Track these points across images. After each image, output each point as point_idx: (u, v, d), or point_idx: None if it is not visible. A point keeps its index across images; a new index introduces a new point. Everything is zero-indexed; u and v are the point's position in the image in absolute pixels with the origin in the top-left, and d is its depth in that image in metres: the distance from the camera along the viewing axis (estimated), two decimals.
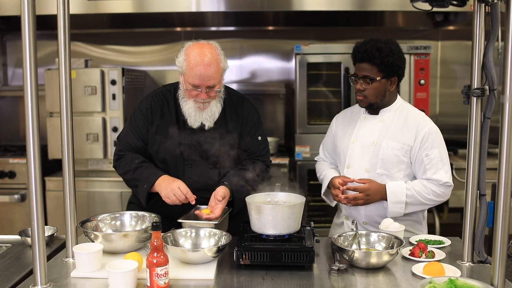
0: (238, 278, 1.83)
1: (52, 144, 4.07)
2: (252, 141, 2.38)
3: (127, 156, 2.33)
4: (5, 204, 4.09)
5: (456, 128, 4.75)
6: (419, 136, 2.33)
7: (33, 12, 1.58)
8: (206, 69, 2.13)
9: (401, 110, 2.43)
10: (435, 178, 2.31)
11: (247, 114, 2.39)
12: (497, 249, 1.65)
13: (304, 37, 4.72)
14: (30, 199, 1.65)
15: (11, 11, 4.01)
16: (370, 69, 2.31)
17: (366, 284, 1.78)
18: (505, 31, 1.62)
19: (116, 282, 1.67)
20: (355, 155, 2.43)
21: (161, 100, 2.36)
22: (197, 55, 2.15)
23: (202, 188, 2.26)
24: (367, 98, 2.36)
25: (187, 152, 2.31)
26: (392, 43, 2.34)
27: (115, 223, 2.20)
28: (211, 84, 2.17)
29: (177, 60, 2.22)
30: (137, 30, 4.87)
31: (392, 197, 2.31)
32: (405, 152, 2.34)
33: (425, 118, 2.39)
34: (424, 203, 2.34)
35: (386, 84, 2.35)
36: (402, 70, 2.38)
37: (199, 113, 2.25)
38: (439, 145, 2.33)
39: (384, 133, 2.39)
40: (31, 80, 1.59)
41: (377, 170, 2.37)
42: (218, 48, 2.22)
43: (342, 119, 2.58)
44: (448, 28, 4.73)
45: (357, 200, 2.33)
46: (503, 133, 1.62)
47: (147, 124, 2.34)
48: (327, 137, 2.65)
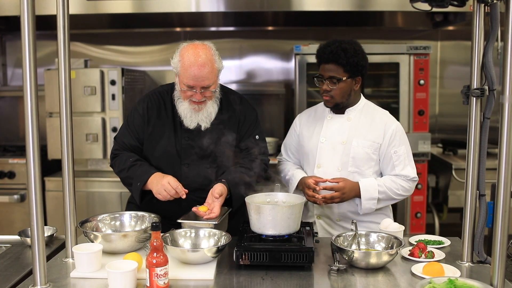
0: (237, 278, 1.83)
1: (52, 144, 4.07)
2: (250, 141, 2.38)
3: (122, 155, 2.34)
4: (5, 204, 4.09)
5: (455, 128, 4.77)
6: (387, 134, 2.41)
7: (32, 12, 1.58)
8: (200, 69, 2.13)
9: (366, 109, 2.50)
10: (404, 174, 2.40)
11: (245, 113, 2.39)
12: (497, 249, 1.65)
13: (304, 37, 4.72)
14: (29, 199, 1.65)
15: (11, 11, 4.02)
16: (336, 70, 2.36)
17: (366, 284, 1.78)
18: (505, 31, 1.62)
19: (115, 282, 1.67)
20: (325, 154, 2.46)
21: (158, 101, 2.37)
22: (191, 55, 2.15)
23: (199, 188, 2.27)
24: (333, 98, 2.41)
25: (184, 152, 2.31)
26: (356, 44, 2.40)
27: (115, 223, 2.20)
28: (206, 85, 2.17)
29: (172, 61, 2.23)
30: (136, 30, 4.87)
31: (366, 194, 2.37)
32: (374, 149, 2.41)
33: (391, 117, 2.48)
34: (393, 198, 2.42)
35: (351, 83, 2.40)
36: (366, 70, 2.43)
37: (195, 114, 2.25)
38: (405, 143, 2.44)
39: (353, 131, 2.44)
40: (31, 80, 1.59)
41: (349, 168, 2.42)
42: (213, 48, 2.22)
43: (307, 119, 2.61)
44: (447, 28, 4.73)
45: (333, 199, 2.36)
46: (503, 133, 1.62)
47: (144, 125, 2.34)
48: (290, 137, 2.67)
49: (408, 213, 4.11)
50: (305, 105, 4.09)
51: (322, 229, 2.51)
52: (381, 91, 4.29)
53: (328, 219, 2.50)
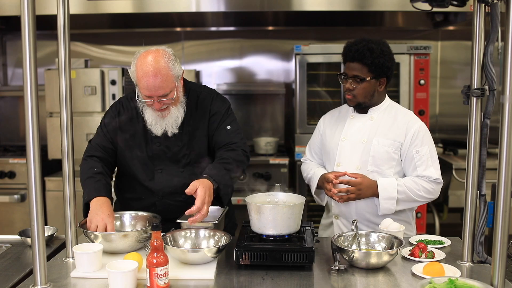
0: (238, 278, 1.83)
1: (52, 144, 4.07)
2: (220, 132, 2.31)
3: (88, 162, 2.29)
4: (5, 204, 4.09)
5: (456, 128, 4.77)
6: (409, 134, 2.35)
7: (33, 12, 1.58)
8: (153, 79, 2.06)
9: (389, 109, 2.46)
10: (426, 175, 2.32)
11: (215, 108, 2.33)
12: (497, 249, 1.65)
13: (304, 37, 4.72)
14: (30, 199, 1.65)
15: (11, 11, 4.02)
16: (361, 69, 2.33)
17: (366, 284, 1.78)
18: (505, 31, 1.62)
19: (116, 282, 1.67)
20: (345, 152, 2.44)
21: (130, 106, 2.33)
22: (144, 65, 2.08)
23: (173, 191, 2.27)
24: (355, 98, 2.38)
25: (156, 158, 2.29)
26: (383, 45, 2.36)
27: (115, 223, 2.20)
28: (161, 94, 2.10)
29: (130, 70, 2.17)
30: (137, 30, 4.87)
31: (384, 193, 2.32)
32: (395, 148, 2.36)
33: (414, 117, 2.43)
34: (415, 200, 2.35)
35: (375, 84, 2.37)
36: (392, 72, 2.40)
37: (160, 120, 2.20)
38: (428, 143, 2.36)
39: (374, 130, 2.40)
40: (31, 80, 1.59)
41: (368, 167, 2.38)
42: (169, 54, 2.13)
43: (330, 118, 2.60)
44: (448, 28, 4.73)
45: (349, 194, 2.33)
46: (503, 133, 1.62)
47: (117, 129, 2.31)
48: (314, 137, 2.66)
49: None
50: (305, 105, 4.09)
51: (339, 229, 2.47)
52: None
53: (346, 219, 2.46)
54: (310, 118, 4.15)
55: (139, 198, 2.34)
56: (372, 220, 2.40)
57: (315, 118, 4.19)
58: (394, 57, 2.40)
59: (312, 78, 4.14)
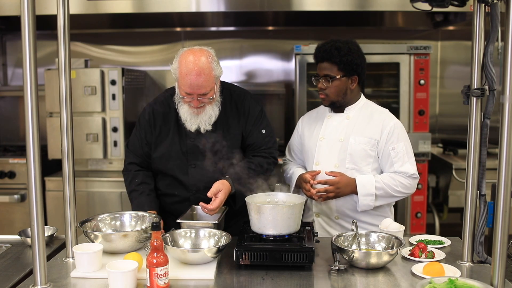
0: (238, 278, 1.83)
1: (52, 144, 4.06)
2: (256, 135, 2.40)
3: (129, 174, 2.44)
4: (5, 204, 4.09)
5: (456, 128, 4.77)
6: (385, 131, 2.40)
7: (33, 12, 1.58)
8: (197, 78, 2.14)
9: (365, 107, 2.50)
10: (402, 170, 2.37)
11: (248, 108, 2.41)
12: (497, 249, 1.65)
13: (304, 37, 4.72)
14: (30, 199, 1.65)
15: (11, 11, 4.01)
16: (330, 68, 2.39)
17: (366, 284, 1.78)
18: (505, 31, 1.62)
19: (116, 282, 1.67)
20: (323, 152, 2.48)
21: (163, 105, 2.41)
22: (188, 63, 2.15)
23: (207, 186, 2.29)
24: (328, 97, 2.44)
25: (190, 153, 2.35)
26: (351, 43, 2.42)
27: (115, 223, 2.20)
28: (202, 93, 2.19)
29: (172, 66, 2.24)
30: (137, 30, 4.87)
31: (362, 189, 2.36)
32: (372, 146, 2.41)
33: (389, 115, 2.48)
34: (393, 195, 2.40)
35: (346, 82, 2.42)
36: (362, 69, 2.44)
37: (194, 117, 2.28)
38: (404, 139, 2.41)
39: (350, 129, 2.45)
40: (31, 80, 1.59)
41: (346, 165, 2.42)
42: (212, 54, 2.22)
43: (308, 119, 2.65)
44: (448, 28, 4.73)
45: (328, 193, 2.37)
46: (503, 133, 1.62)
47: (151, 128, 2.39)
48: (293, 138, 2.71)
49: (408, 213, 4.11)
50: (305, 105, 4.09)
51: (320, 227, 2.51)
52: (381, 91, 4.29)
53: (327, 217, 2.50)
54: None
55: (172, 194, 2.41)
56: (353, 216, 2.43)
57: None
58: (364, 55, 2.45)
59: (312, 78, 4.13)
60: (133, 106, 4.25)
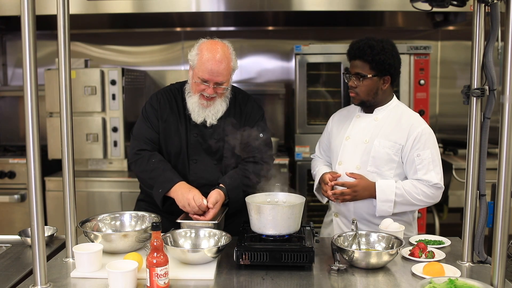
0: (238, 278, 1.83)
1: (52, 144, 4.07)
2: (253, 137, 2.38)
3: (144, 155, 2.33)
4: (5, 204, 4.09)
5: (456, 128, 4.77)
6: (411, 136, 2.33)
7: (33, 12, 1.58)
8: (217, 65, 2.20)
9: (395, 110, 2.44)
10: (426, 179, 2.29)
11: (250, 110, 2.43)
12: (497, 249, 1.65)
13: (304, 37, 4.73)
14: (30, 199, 1.65)
15: (11, 11, 4.01)
16: (362, 66, 2.34)
17: (366, 284, 1.78)
18: (505, 31, 1.62)
19: (116, 282, 1.67)
20: (347, 152, 2.45)
21: (169, 96, 2.42)
22: (210, 50, 2.22)
23: (207, 183, 2.30)
24: (358, 95, 2.39)
25: (192, 148, 2.36)
26: (386, 42, 2.36)
27: (115, 223, 2.20)
28: (219, 81, 2.23)
29: (190, 54, 2.29)
30: (137, 30, 4.87)
31: (381, 195, 2.31)
32: (396, 151, 2.34)
33: (419, 119, 2.40)
34: (413, 204, 2.33)
35: (378, 82, 2.36)
36: (395, 69, 2.39)
37: (202, 109, 2.30)
38: (431, 147, 2.33)
39: (377, 131, 2.40)
40: (31, 80, 1.59)
41: (368, 167, 2.38)
42: (231, 48, 2.31)
43: (338, 117, 2.61)
44: (448, 28, 4.73)
45: (344, 196, 2.34)
46: (503, 133, 1.62)
47: (159, 118, 2.38)
48: (324, 135, 2.69)
49: None
50: (305, 105, 4.09)
51: (338, 227, 2.48)
52: None
53: (345, 218, 2.47)
54: (310, 118, 4.15)
55: None
56: (370, 220, 2.40)
57: (315, 118, 4.20)
58: (399, 56, 2.40)
59: (312, 78, 4.14)
60: (133, 106, 4.25)
